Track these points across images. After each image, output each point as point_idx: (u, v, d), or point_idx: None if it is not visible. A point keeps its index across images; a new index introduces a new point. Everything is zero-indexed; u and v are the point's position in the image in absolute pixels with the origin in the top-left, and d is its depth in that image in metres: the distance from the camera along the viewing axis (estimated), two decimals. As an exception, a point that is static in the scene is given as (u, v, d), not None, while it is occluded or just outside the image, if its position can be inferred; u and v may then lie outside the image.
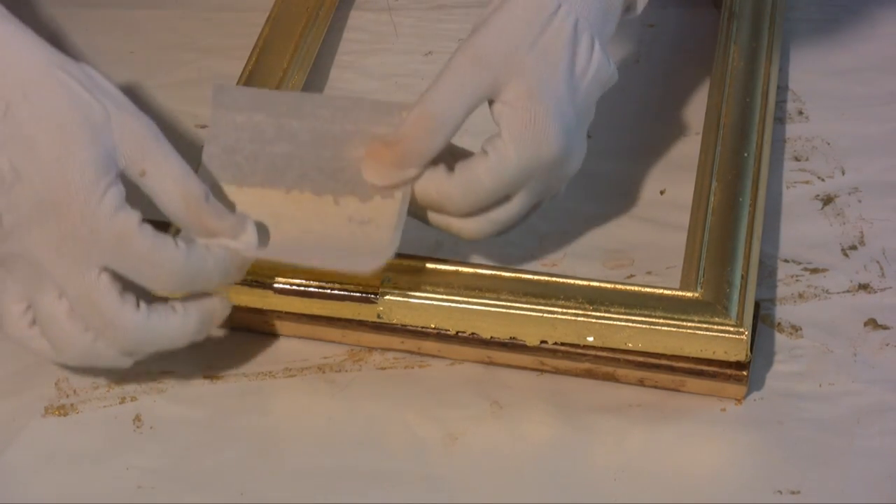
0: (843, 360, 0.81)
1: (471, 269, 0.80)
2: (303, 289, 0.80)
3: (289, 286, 0.80)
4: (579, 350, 0.79)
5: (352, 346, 0.82)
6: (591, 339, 0.78)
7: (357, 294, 0.79)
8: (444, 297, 0.79)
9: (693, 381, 0.78)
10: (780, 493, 0.75)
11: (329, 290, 0.79)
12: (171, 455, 0.77)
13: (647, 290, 0.79)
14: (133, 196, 0.74)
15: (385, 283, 0.79)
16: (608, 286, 0.79)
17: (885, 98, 0.96)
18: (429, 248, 0.84)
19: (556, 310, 0.78)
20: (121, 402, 0.79)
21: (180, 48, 1.01)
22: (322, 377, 0.81)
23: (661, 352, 0.78)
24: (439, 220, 0.80)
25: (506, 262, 0.81)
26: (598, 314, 0.78)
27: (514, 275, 0.80)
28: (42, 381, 0.80)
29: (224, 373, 0.81)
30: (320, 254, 0.77)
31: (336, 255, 0.77)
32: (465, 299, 0.79)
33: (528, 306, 0.78)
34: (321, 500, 0.75)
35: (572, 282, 0.79)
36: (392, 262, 0.79)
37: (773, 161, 0.91)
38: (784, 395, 0.79)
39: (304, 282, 0.80)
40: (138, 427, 0.78)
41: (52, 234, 0.72)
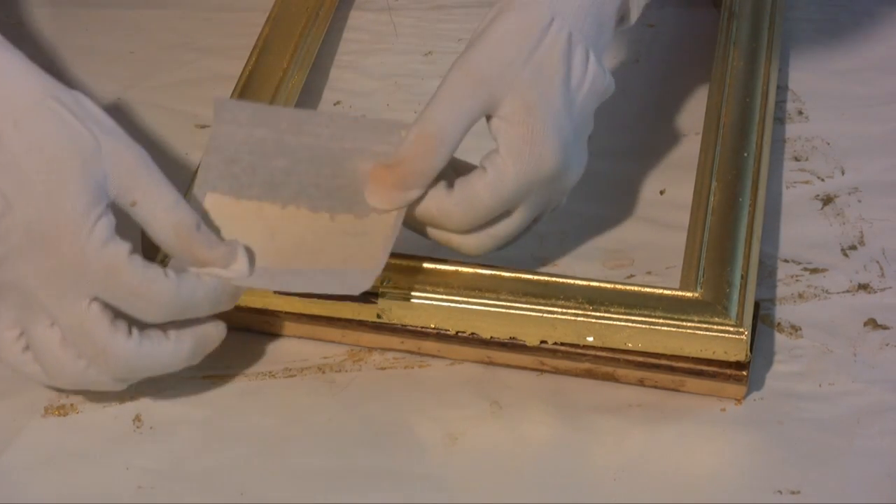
0: (842, 360, 0.81)
1: (471, 269, 0.80)
2: (303, 289, 0.80)
3: (289, 286, 0.80)
4: (579, 350, 0.79)
5: (352, 346, 0.82)
6: (590, 339, 0.78)
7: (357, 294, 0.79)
8: (444, 297, 0.79)
9: (693, 381, 0.78)
10: (780, 493, 0.75)
11: (329, 290, 0.80)
12: (171, 455, 0.77)
13: (647, 290, 0.79)
14: (127, 222, 0.74)
15: (385, 284, 0.79)
16: (608, 286, 0.79)
17: (885, 98, 0.96)
18: (429, 248, 0.84)
19: (555, 310, 0.78)
20: (121, 403, 0.79)
21: (180, 48, 1.01)
22: (322, 377, 0.81)
23: (660, 352, 0.78)
24: (439, 236, 0.79)
25: (506, 262, 0.81)
26: (597, 314, 0.78)
27: (514, 275, 0.80)
28: (42, 381, 0.80)
29: (224, 373, 0.81)
30: (311, 279, 0.77)
31: (327, 278, 0.77)
32: (465, 299, 0.79)
33: (528, 306, 0.78)
34: (321, 500, 0.75)
35: (572, 282, 0.79)
36: (392, 262, 0.79)
37: (773, 161, 0.91)
38: (784, 395, 0.79)
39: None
40: (138, 427, 0.78)
41: (43, 264, 0.72)
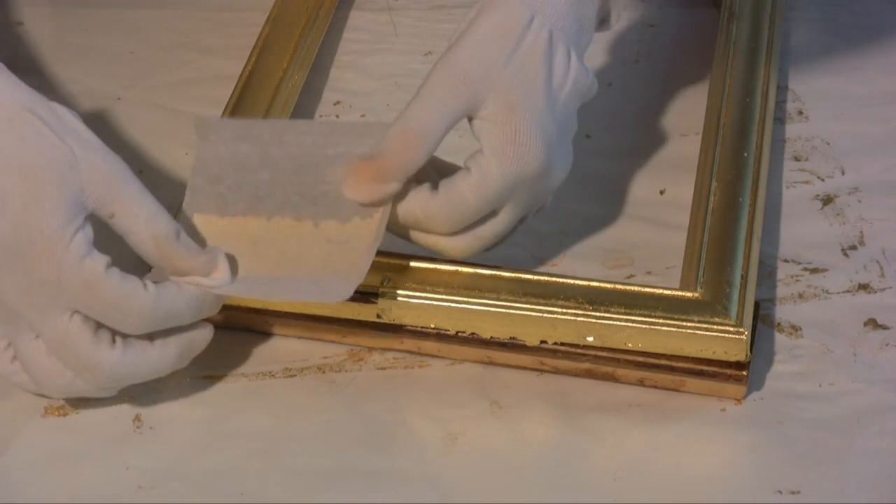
0: (843, 360, 0.81)
1: (471, 269, 0.80)
2: (303, 289, 0.80)
3: (289, 286, 0.80)
4: (579, 350, 0.79)
5: (352, 346, 0.82)
6: (590, 339, 0.78)
7: (357, 294, 0.79)
8: (444, 297, 0.79)
9: (693, 381, 0.78)
10: (780, 493, 0.75)
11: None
12: (171, 455, 0.77)
13: (647, 290, 0.79)
14: (111, 231, 0.74)
15: (385, 283, 0.79)
16: (608, 286, 0.79)
17: (885, 98, 0.96)
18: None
19: (555, 310, 0.78)
20: (121, 403, 0.79)
21: (180, 48, 1.01)
22: (322, 377, 0.81)
23: (660, 352, 0.78)
24: (425, 240, 0.79)
25: (506, 262, 0.81)
26: (598, 314, 0.78)
27: (514, 275, 0.80)
28: (42, 381, 0.80)
29: (224, 373, 0.81)
30: (292, 287, 0.77)
31: (308, 286, 0.77)
32: (465, 299, 0.79)
33: (528, 306, 0.78)
34: (321, 500, 0.75)
35: (572, 282, 0.79)
36: (392, 262, 0.79)
37: (773, 161, 0.91)
38: (784, 395, 0.79)
39: (304, 282, 0.80)
40: (138, 427, 0.78)
41: (21, 280, 0.72)
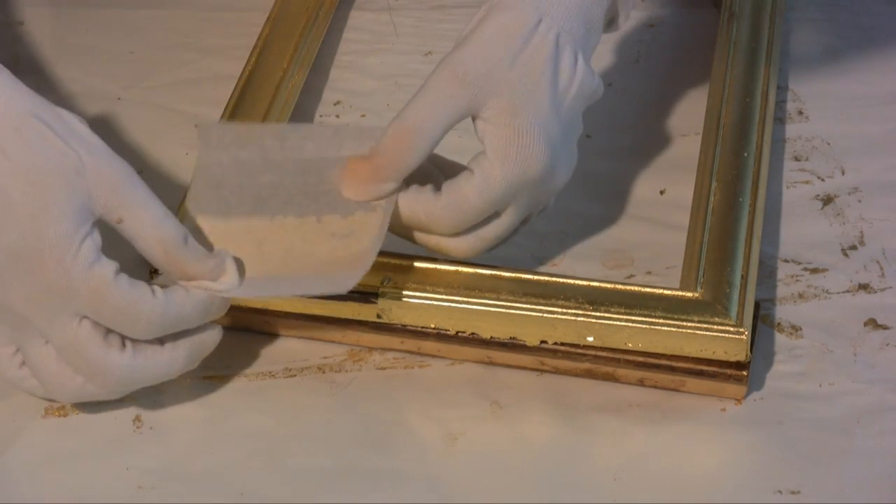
0: (843, 360, 0.81)
1: (471, 269, 0.80)
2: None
3: (289, 286, 0.80)
4: (579, 350, 0.79)
5: (352, 346, 0.82)
6: (591, 339, 0.78)
7: (357, 294, 0.79)
8: (444, 297, 0.79)
9: (693, 381, 0.78)
10: (780, 493, 0.75)
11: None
12: (171, 455, 0.77)
13: (647, 290, 0.79)
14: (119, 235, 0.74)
15: (385, 283, 0.79)
16: (608, 286, 0.79)
17: (885, 98, 0.96)
18: (429, 248, 0.84)
19: (556, 310, 0.78)
20: (121, 403, 0.79)
21: (180, 48, 1.01)
22: (322, 377, 0.81)
23: (661, 352, 0.78)
24: (429, 241, 0.79)
25: (506, 262, 0.81)
26: (598, 314, 0.78)
27: (514, 275, 0.80)
28: (42, 381, 0.80)
29: (224, 373, 0.81)
30: (299, 282, 0.77)
31: (315, 281, 0.77)
32: (465, 299, 0.79)
33: (528, 306, 0.78)
34: (321, 500, 0.75)
35: (572, 282, 0.79)
36: (392, 262, 0.79)
37: (773, 161, 0.91)
38: (784, 395, 0.79)
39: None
40: (138, 427, 0.78)
41: (30, 287, 0.72)
